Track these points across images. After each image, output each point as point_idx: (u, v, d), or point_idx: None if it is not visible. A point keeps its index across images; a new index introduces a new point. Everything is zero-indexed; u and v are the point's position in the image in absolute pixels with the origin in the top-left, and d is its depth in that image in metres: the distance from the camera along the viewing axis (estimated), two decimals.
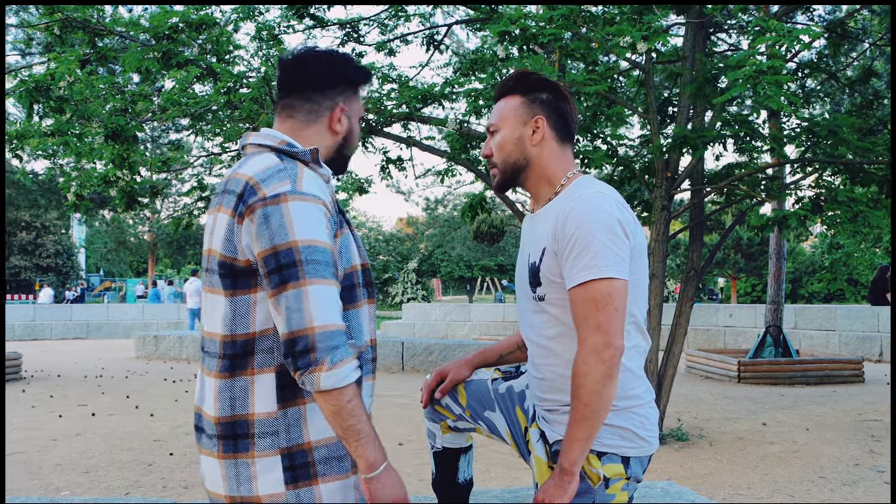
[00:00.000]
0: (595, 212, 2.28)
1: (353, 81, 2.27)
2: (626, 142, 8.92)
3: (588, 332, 2.24)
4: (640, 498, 3.84)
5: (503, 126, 2.49)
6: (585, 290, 2.24)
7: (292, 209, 1.96)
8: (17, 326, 23.23)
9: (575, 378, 2.25)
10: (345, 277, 2.12)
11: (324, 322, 1.91)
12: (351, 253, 2.16)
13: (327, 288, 1.94)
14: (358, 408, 1.94)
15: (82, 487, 6.12)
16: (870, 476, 6.51)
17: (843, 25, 8.95)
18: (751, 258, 39.20)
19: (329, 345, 1.90)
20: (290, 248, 1.93)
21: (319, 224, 1.98)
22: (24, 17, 10.07)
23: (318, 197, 2.01)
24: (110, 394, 11.31)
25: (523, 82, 2.51)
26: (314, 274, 1.93)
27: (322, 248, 1.96)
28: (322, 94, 2.22)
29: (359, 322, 2.17)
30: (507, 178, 2.53)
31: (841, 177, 8.25)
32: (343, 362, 1.90)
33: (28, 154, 9.27)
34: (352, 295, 2.15)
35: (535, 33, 6.48)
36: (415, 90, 8.50)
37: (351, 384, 1.92)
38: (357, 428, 1.94)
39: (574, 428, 2.26)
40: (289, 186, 1.99)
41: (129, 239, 49.77)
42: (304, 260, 1.93)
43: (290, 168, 2.04)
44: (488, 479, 6.39)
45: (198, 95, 8.77)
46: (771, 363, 12.83)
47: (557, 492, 2.28)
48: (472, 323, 22.87)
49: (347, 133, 2.27)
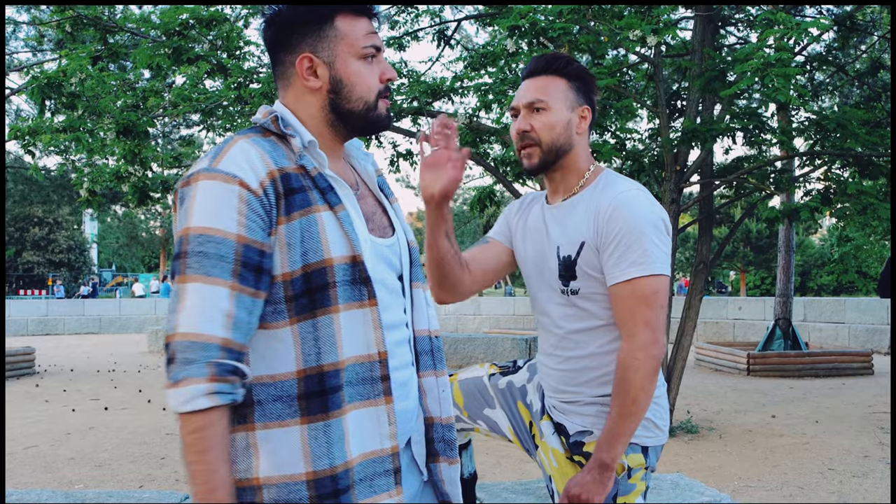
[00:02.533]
0: (642, 209, 2.28)
1: (314, 17, 1.79)
2: (635, 135, 8.93)
3: (637, 328, 2.25)
4: (650, 490, 3.87)
5: (554, 105, 2.38)
6: (633, 286, 2.24)
7: (199, 190, 1.62)
8: (30, 321, 23.32)
9: (623, 374, 2.25)
10: (311, 275, 1.68)
11: (186, 329, 1.55)
12: (321, 242, 1.69)
13: (209, 288, 1.57)
14: (201, 443, 1.54)
15: (95, 481, 6.17)
16: (879, 468, 6.52)
17: (851, 18, 8.93)
18: (760, 251, 39.14)
19: (185, 357, 1.53)
20: (181, 237, 1.61)
21: (224, 209, 1.60)
22: (36, 14, 10.10)
23: (232, 175, 1.62)
24: (123, 388, 11.38)
25: (570, 67, 2.43)
26: (197, 269, 1.57)
27: (218, 238, 1.59)
28: (284, 50, 1.82)
29: (331, 333, 1.69)
30: (549, 159, 2.41)
31: (850, 169, 8.25)
32: (186, 381, 1.52)
33: (40, 150, 9.34)
34: (322, 297, 1.69)
35: (544, 27, 6.50)
36: (425, 85, 8.53)
37: (199, 412, 1.53)
38: (194, 468, 1.55)
39: (619, 423, 2.26)
40: (206, 163, 1.66)
41: (140, 234, 50.02)
42: (189, 251, 1.59)
43: (225, 142, 1.72)
44: (499, 472, 6.41)
45: (208, 91, 8.82)
46: (780, 356, 12.82)
47: (598, 488, 2.28)
48: (483, 316, 22.87)
49: (334, 84, 1.80)
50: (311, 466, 1.65)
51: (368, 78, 1.82)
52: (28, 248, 42.55)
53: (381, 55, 1.86)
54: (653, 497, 3.73)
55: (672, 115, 8.72)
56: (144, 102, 8.88)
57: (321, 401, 1.67)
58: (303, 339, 1.69)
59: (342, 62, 1.79)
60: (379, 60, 1.85)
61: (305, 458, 1.65)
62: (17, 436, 7.79)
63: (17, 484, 5.97)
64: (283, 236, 1.67)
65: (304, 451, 1.66)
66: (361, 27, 1.81)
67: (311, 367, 1.68)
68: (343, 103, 1.80)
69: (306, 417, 1.67)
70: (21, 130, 8.63)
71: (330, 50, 1.78)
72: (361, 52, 1.80)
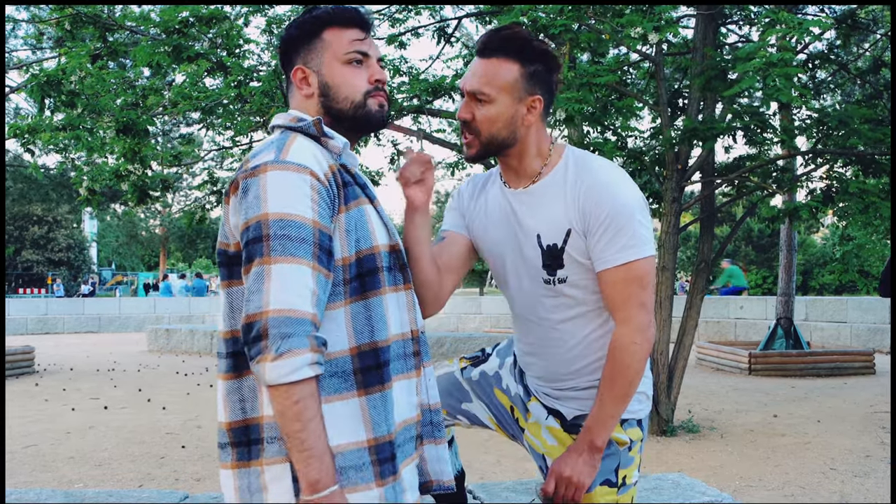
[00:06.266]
0: (628, 190, 2.22)
1: (303, 35, 2.01)
2: (636, 133, 8.91)
3: (633, 311, 2.22)
4: (651, 490, 3.86)
5: (497, 99, 2.22)
6: (627, 269, 2.20)
7: (269, 179, 1.75)
8: (29, 320, 23.32)
9: (620, 357, 2.23)
10: (364, 260, 1.88)
11: (280, 306, 1.66)
12: (369, 231, 1.90)
13: (296, 267, 1.70)
14: (307, 412, 1.67)
15: (95, 480, 6.16)
16: (881, 468, 6.50)
17: (853, 16, 8.91)
18: (761, 250, 39.11)
19: (281, 332, 1.65)
20: (259, 222, 1.72)
21: (300, 196, 1.75)
22: (35, 12, 10.08)
23: (303, 166, 1.78)
24: (122, 387, 11.36)
25: (524, 49, 2.23)
26: (282, 251, 1.69)
27: (298, 222, 1.72)
28: (286, 68, 2.04)
29: (381, 312, 1.89)
30: (488, 151, 2.30)
31: (852, 168, 8.23)
32: (291, 353, 1.64)
33: (40, 148, 9.32)
34: (373, 281, 1.88)
35: (545, 25, 6.48)
36: (425, 83, 8.52)
37: (301, 382, 1.66)
38: (301, 437, 1.67)
39: (614, 406, 2.25)
40: (272, 156, 1.79)
41: (140, 233, 50.09)
42: (272, 234, 1.70)
43: (283, 138, 1.87)
44: (500, 471, 6.40)
45: (208, 89, 8.81)
46: (782, 355, 12.81)
47: (590, 470, 2.28)
48: (483, 315, 22.88)
49: (323, 88, 1.99)
50: (371, 433, 1.83)
51: (354, 79, 2.00)
52: (27, 246, 42.55)
53: (370, 60, 2.03)
54: (654, 497, 3.71)
55: (674, 114, 8.70)
56: (144, 101, 8.87)
57: (378, 374, 1.86)
58: (354, 319, 1.86)
59: (328, 68, 1.99)
60: (368, 65, 2.03)
61: (366, 425, 1.83)
62: (16, 435, 7.77)
63: (17, 483, 5.95)
64: (342, 224, 1.85)
65: (365, 420, 1.83)
66: (348, 36, 2.01)
67: (365, 343, 1.86)
68: (333, 104, 1.99)
69: (363, 390, 1.84)
70: (20, 129, 8.62)
71: (318, 59, 2.00)
72: (345, 57, 1.99)
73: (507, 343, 2.78)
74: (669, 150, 7.47)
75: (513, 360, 2.67)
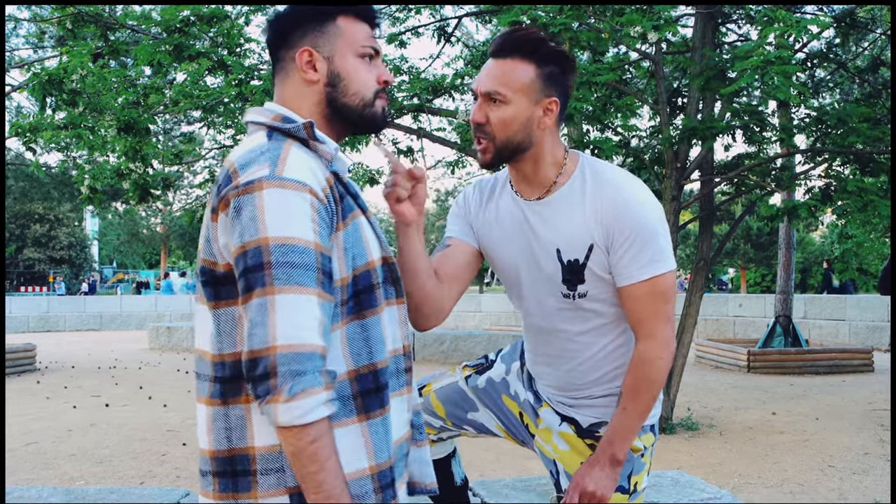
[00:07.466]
0: (649, 203, 2.18)
1: (316, 14, 1.82)
2: (636, 132, 8.93)
3: (659, 325, 2.19)
4: (650, 487, 3.87)
5: (513, 100, 2.14)
6: (653, 284, 2.16)
7: (267, 199, 1.57)
8: (31, 318, 23.34)
9: (647, 372, 2.21)
10: (360, 278, 1.73)
11: (289, 341, 1.52)
12: (365, 246, 1.75)
13: (302, 298, 1.55)
14: (323, 452, 1.55)
15: (96, 477, 6.18)
16: (880, 465, 6.53)
17: (852, 15, 8.92)
18: (760, 248, 39.16)
19: (291, 370, 1.51)
20: (259, 247, 1.55)
21: (301, 217, 1.58)
22: (37, 11, 10.10)
23: (302, 183, 1.61)
24: (124, 385, 11.39)
25: (540, 50, 2.15)
26: (286, 280, 1.54)
27: (301, 247, 1.57)
28: (285, 47, 1.83)
29: (379, 331, 1.75)
30: (504, 156, 2.20)
31: (851, 166, 8.24)
32: (305, 393, 1.51)
33: (41, 147, 9.33)
34: (369, 299, 1.75)
35: (545, 23, 6.50)
36: (425, 82, 8.53)
37: (316, 422, 1.53)
38: (319, 478, 1.55)
39: (635, 419, 2.24)
40: (267, 171, 1.60)
41: (141, 231, 50.08)
42: (273, 262, 1.54)
43: (275, 148, 1.67)
44: (500, 468, 6.42)
45: (209, 88, 8.81)
46: (780, 353, 12.84)
47: (611, 483, 2.27)
48: (483, 313, 22.90)
49: (332, 77, 1.81)
50: (374, 461, 1.72)
51: (366, 75, 1.84)
52: (29, 244, 42.54)
53: (379, 59, 1.89)
54: (653, 494, 3.73)
55: (673, 112, 8.72)
56: (145, 99, 8.87)
57: (378, 397, 1.74)
58: (350, 341, 1.72)
59: (341, 57, 1.81)
60: (377, 63, 1.88)
61: (368, 453, 1.71)
62: (17, 432, 7.80)
63: (18, 480, 5.97)
64: (340, 241, 1.70)
65: (367, 447, 1.71)
66: (362, 29, 1.85)
67: (363, 365, 1.73)
68: (340, 97, 1.82)
69: (364, 415, 1.72)
70: (22, 127, 8.62)
71: (330, 45, 1.81)
72: (360, 50, 1.83)
73: (511, 348, 2.75)
74: (669, 148, 7.48)
75: (520, 366, 2.65)
